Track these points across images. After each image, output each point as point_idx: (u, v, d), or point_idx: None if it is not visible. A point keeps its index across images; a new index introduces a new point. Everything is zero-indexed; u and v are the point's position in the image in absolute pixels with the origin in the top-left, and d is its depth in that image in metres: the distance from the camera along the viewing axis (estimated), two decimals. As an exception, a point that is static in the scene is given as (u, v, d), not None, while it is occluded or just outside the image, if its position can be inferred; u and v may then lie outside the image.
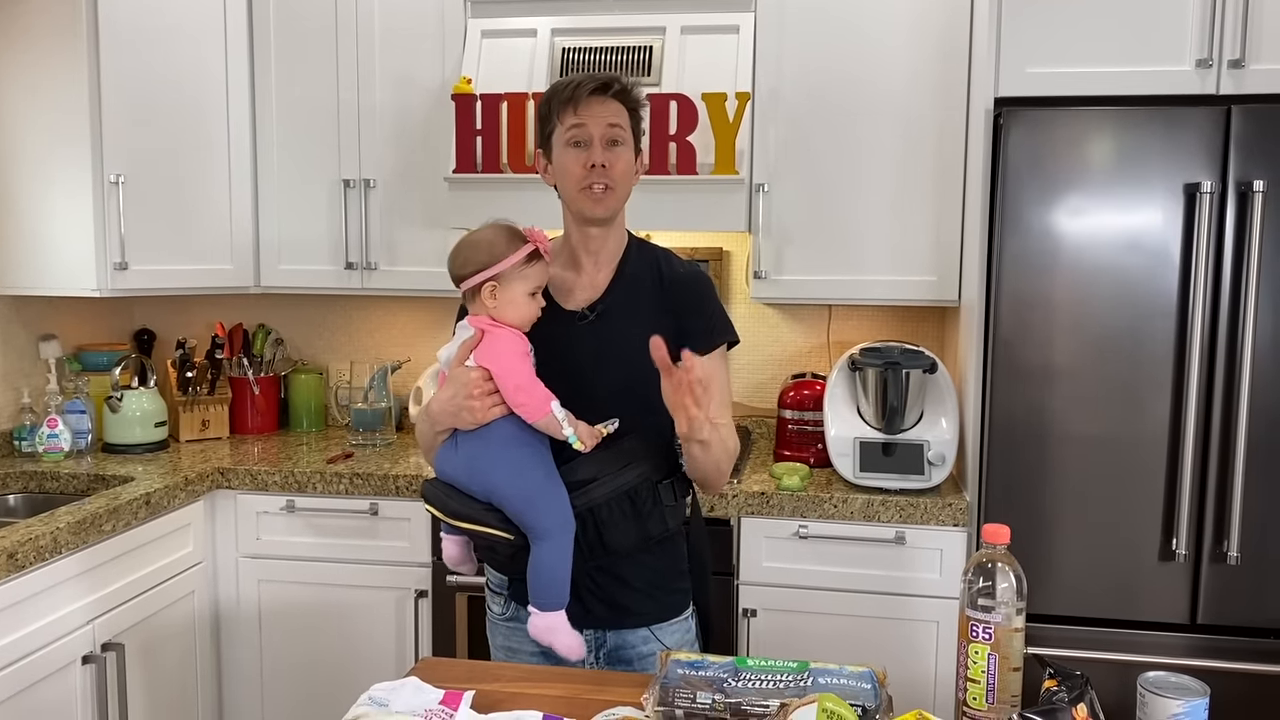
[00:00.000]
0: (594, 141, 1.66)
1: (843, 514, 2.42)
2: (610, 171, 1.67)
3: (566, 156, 1.68)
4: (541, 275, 1.67)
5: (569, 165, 1.68)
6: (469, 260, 1.65)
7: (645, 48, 2.68)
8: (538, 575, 1.62)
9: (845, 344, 2.93)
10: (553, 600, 1.63)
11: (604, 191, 1.67)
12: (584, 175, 1.66)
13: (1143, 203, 2.20)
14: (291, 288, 2.98)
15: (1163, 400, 2.23)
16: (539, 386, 1.62)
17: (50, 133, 2.65)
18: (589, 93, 1.66)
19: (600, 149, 1.66)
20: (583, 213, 1.70)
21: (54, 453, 2.73)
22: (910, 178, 2.63)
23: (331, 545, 2.64)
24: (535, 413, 1.61)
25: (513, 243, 1.65)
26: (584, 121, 1.66)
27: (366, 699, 1.37)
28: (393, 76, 2.84)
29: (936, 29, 2.59)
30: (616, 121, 1.67)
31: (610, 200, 1.69)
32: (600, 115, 1.66)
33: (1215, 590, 2.25)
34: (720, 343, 1.78)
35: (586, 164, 1.66)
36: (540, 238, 1.66)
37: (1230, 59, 2.21)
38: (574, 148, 1.67)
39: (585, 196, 1.68)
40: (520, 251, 1.63)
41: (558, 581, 1.62)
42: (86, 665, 2.19)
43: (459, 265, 1.66)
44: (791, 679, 1.34)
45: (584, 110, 1.66)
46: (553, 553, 1.61)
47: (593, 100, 1.66)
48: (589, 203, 1.68)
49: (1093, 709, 1.22)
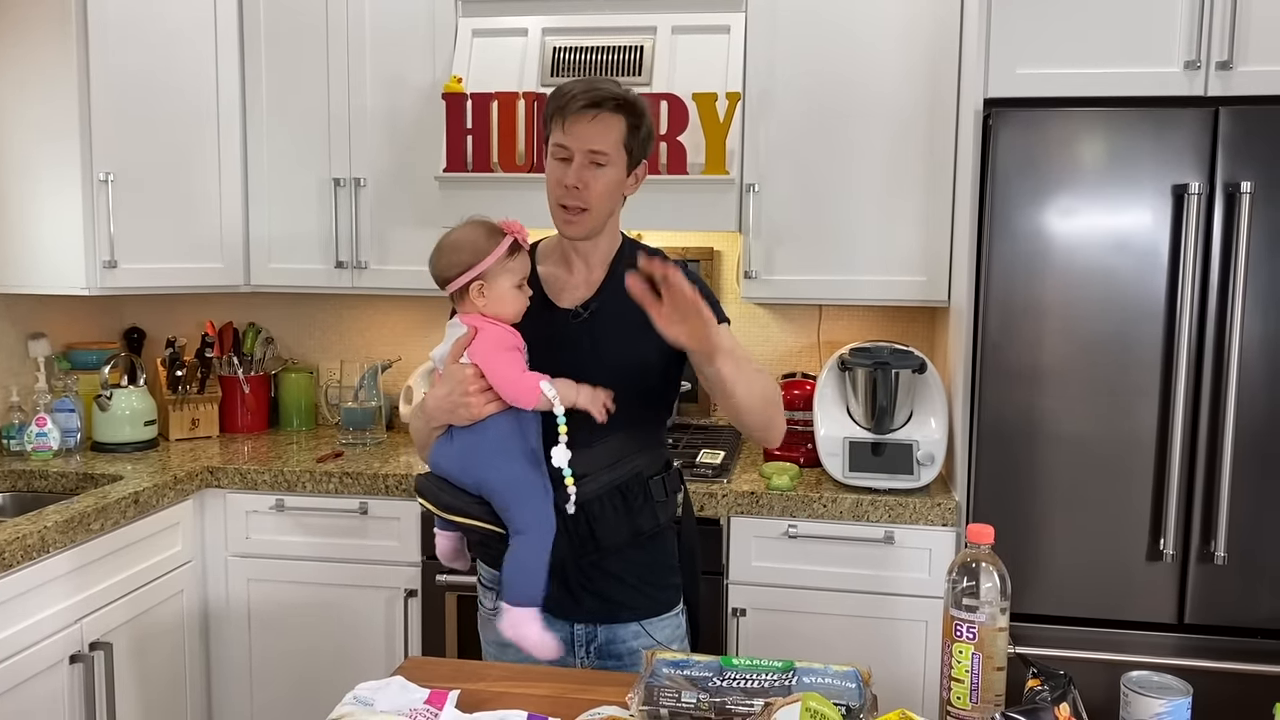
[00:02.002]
0: (574, 160, 1.65)
1: (832, 514, 2.42)
2: (585, 193, 1.65)
3: (550, 167, 1.69)
4: (525, 266, 1.67)
5: (550, 177, 1.69)
6: (452, 262, 1.64)
7: (636, 47, 2.68)
8: (513, 569, 1.63)
9: (835, 344, 2.93)
10: (524, 596, 1.63)
11: (577, 213, 1.67)
12: (560, 192, 1.67)
13: (1131, 203, 2.21)
14: (282, 286, 2.98)
15: (1151, 401, 2.24)
16: (528, 376, 1.62)
17: (39, 129, 2.64)
18: (578, 109, 1.64)
19: (577, 169, 1.65)
20: (557, 228, 1.72)
21: (43, 451, 2.72)
22: (900, 178, 2.63)
23: (321, 544, 2.63)
24: (529, 400, 1.61)
25: (492, 238, 1.64)
26: (569, 137, 1.65)
27: (351, 698, 1.37)
28: (383, 75, 2.84)
29: (926, 30, 2.59)
30: (599, 147, 1.65)
31: (584, 221, 1.68)
32: (585, 136, 1.64)
33: (1202, 590, 2.25)
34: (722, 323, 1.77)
35: (561, 182, 1.66)
36: (517, 228, 1.66)
37: (1218, 60, 2.22)
38: (557, 160, 1.67)
39: (560, 213, 1.69)
40: (501, 245, 1.62)
41: (533, 577, 1.62)
42: (74, 664, 2.19)
43: (442, 268, 1.66)
44: (776, 678, 1.34)
45: (570, 127, 1.65)
46: (529, 549, 1.62)
47: (581, 118, 1.64)
48: (561, 220, 1.69)
49: (1075, 708, 1.23)
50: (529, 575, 1.62)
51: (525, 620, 1.63)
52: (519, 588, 1.63)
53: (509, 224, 1.66)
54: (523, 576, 1.62)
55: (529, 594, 1.63)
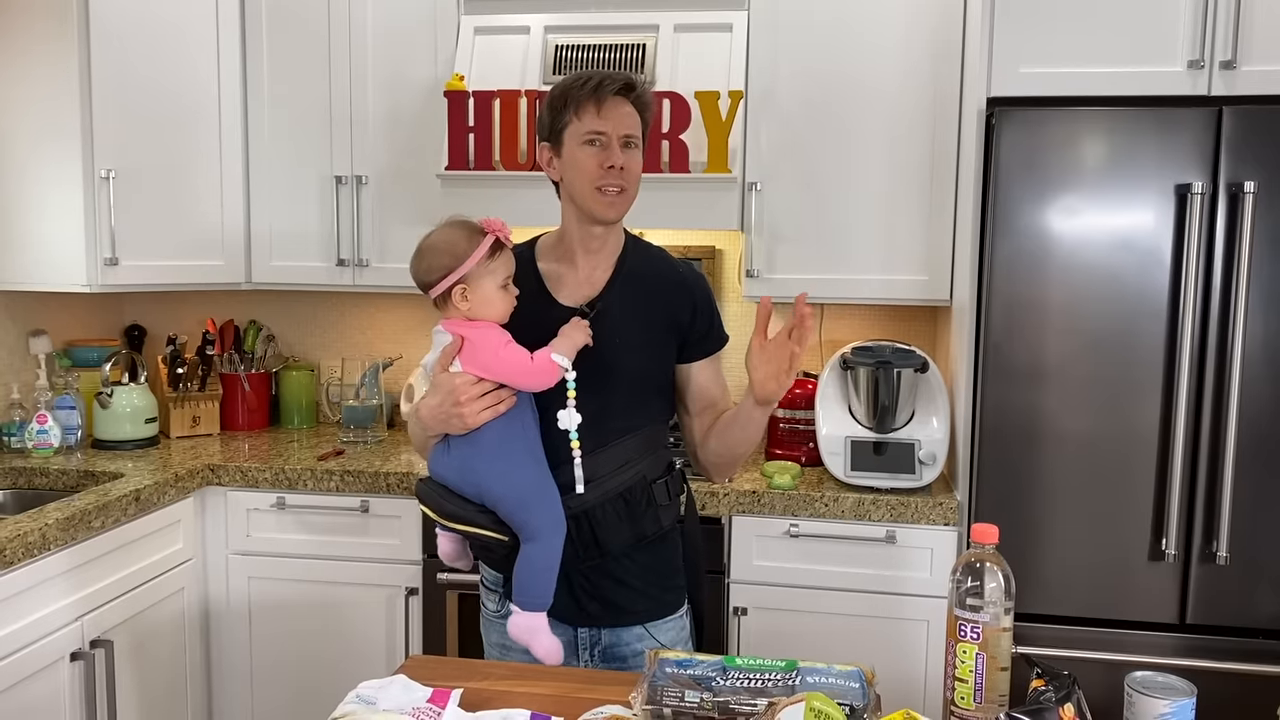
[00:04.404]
0: (612, 143, 1.64)
1: (834, 513, 2.42)
2: (626, 174, 1.65)
3: (582, 153, 1.65)
4: (508, 265, 1.63)
5: (584, 162, 1.65)
6: (431, 266, 1.60)
7: (638, 45, 2.67)
8: (524, 574, 1.62)
9: (837, 343, 2.93)
10: (536, 600, 1.62)
11: (618, 194, 1.66)
12: (600, 175, 1.64)
13: (1134, 203, 2.20)
14: (283, 284, 2.98)
15: (1153, 400, 2.23)
16: (537, 359, 1.60)
17: (40, 126, 2.64)
18: (613, 93, 1.64)
19: (619, 151, 1.65)
20: (593, 213, 1.68)
21: (43, 449, 2.72)
22: (902, 177, 2.63)
23: (322, 542, 2.63)
24: (550, 380, 1.61)
25: (473, 238, 1.60)
26: (606, 121, 1.64)
27: (354, 697, 1.37)
28: (385, 73, 2.84)
29: (929, 28, 2.59)
30: (633, 130, 1.66)
31: (622, 203, 1.68)
32: (620, 119, 1.65)
33: (1204, 590, 2.25)
34: (724, 343, 1.81)
35: (604, 164, 1.64)
36: (498, 226, 1.62)
37: (1222, 60, 2.22)
38: (590, 145, 1.65)
39: (598, 197, 1.66)
40: (482, 246, 1.59)
41: (543, 582, 1.62)
42: (75, 662, 2.18)
43: (423, 272, 1.62)
44: (780, 678, 1.34)
45: (607, 110, 1.64)
46: (542, 553, 1.61)
47: (616, 101, 1.64)
48: (602, 204, 1.66)
49: (1080, 708, 1.23)
50: (540, 579, 1.62)
51: (536, 625, 1.63)
52: (530, 592, 1.62)
53: (489, 222, 1.62)
54: (534, 580, 1.62)
55: (540, 598, 1.62)
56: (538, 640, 1.63)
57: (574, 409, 1.64)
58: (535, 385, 1.61)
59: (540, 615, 1.63)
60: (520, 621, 1.63)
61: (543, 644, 1.63)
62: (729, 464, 1.80)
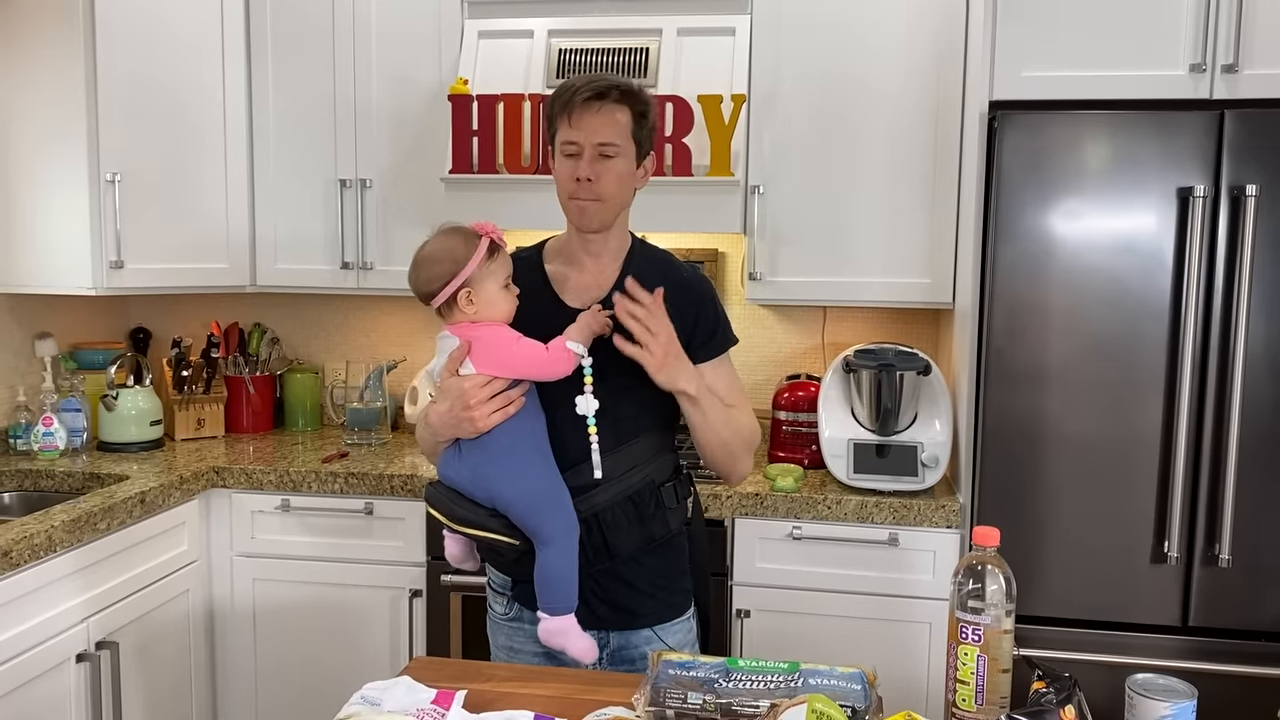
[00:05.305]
0: (584, 154, 1.65)
1: (836, 515, 2.42)
2: (596, 185, 1.65)
3: (560, 164, 1.68)
4: (506, 265, 1.65)
5: (560, 173, 1.68)
6: (433, 275, 1.61)
7: (642, 49, 2.68)
8: (546, 580, 1.62)
9: (840, 345, 2.94)
10: (562, 604, 1.63)
11: (592, 203, 1.67)
12: (572, 187, 1.66)
13: (1136, 206, 2.21)
14: (287, 287, 2.99)
15: (1155, 403, 2.24)
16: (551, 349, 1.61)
17: (46, 130, 2.65)
18: (583, 101, 1.64)
19: (588, 162, 1.64)
20: (572, 221, 1.72)
21: (49, 451, 2.73)
22: (905, 180, 2.63)
23: (326, 544, 2.64)
24: (568, 368, 1.61)
25: (470, 242, 1.61)
26: (578, 131, 1.64)
27: (358, 698, 1.37)
28: (389, 76, 2.85)
29: (932, 32, 2.59)
30: (608, 138, 1.65)
31: (600, 212, 1.68)
32: (592, 127, 1.64)
33: (1206, 593, 2.25)
34: (731, 344, 1.81)
35: (573, 176, 1.65)
36: (490, 228, 1.63)
37: (1224, 64, 2.22)
38: (566, 157, 1.67)
39: (571, 207, 1.69)
40: (481, 248, 1.60)
41: (566, 585, 1.62)
42: (81, 663, 2.19)
43: (424, 282, 1.62)
44: (782, 680, 1.34)
45: (577, 121, 1.64)
46: (559, 557, 1.61)
47: (587, 109, 1.64)
48: (574, 214, 1.69)
49: (1080, 710, 1.23)
50: (563, 582, 1.62)
51: (567, 627, 1.63)
52: (555, 596, 1.63)
53: (481, 225, 1.63)
54: (557, 584, 1.62)
55: (565, 602, 1.63)
56: (570, 642, 1.63)
57: (591, 395, 1.65)
58: (552, 374, 1.61)
59: (569, 617, 1.63)
60: (550, 626, 1.64)
61: (576, 645, 1.63)
62: (715, 462, 1.78)
